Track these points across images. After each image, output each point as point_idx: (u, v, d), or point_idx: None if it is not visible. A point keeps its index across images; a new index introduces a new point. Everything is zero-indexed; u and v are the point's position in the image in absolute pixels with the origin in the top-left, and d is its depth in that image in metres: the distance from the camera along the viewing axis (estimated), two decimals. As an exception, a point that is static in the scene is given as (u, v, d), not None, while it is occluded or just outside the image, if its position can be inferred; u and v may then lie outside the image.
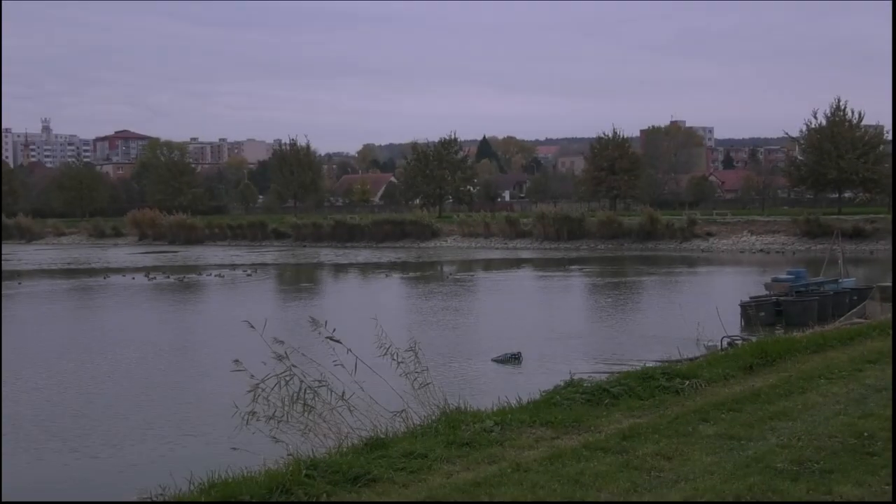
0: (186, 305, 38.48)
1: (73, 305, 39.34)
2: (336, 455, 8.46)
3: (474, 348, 24.25)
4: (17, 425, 16.37)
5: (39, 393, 19.38)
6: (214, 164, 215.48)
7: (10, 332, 30.64)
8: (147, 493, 9.10)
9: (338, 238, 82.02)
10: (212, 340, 26.83)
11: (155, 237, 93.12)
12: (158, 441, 15.21)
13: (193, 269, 55.90)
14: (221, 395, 17.41)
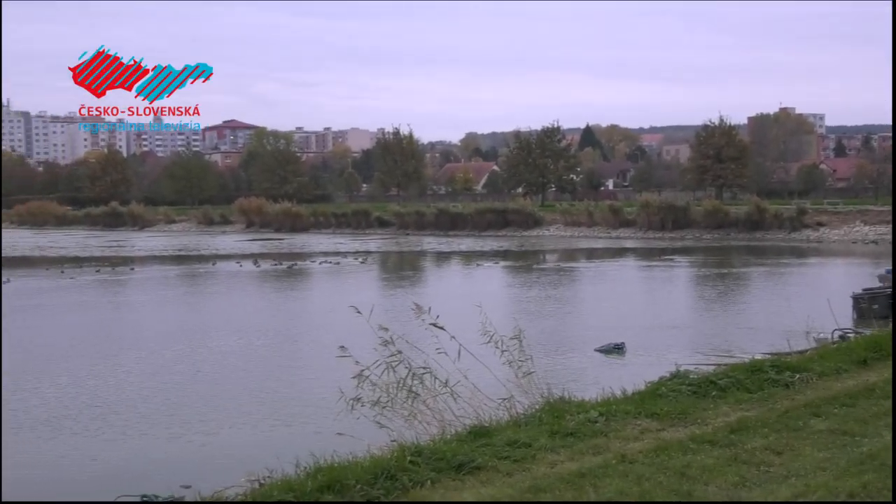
0: (293, 292, 39.07)
1: (182, 291, 40.29)
2: (440, 442, 8.48)
3: (577, 338, 24.09)
4: (132, 406, 16.83)
5: (148, 375, 19.88)
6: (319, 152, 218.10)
7: (123, 316, 31.57)
8: (255, 476, 9.25)
9: (440, 226, 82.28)
10: (318, 326, 27.19)
11: (261, 225, 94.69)
12: (264, 424, 15.46)
13: (299, 257, 56.71)
14: (327, 380, 17.62)
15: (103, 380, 19.28)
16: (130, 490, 10.53)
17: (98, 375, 19.71)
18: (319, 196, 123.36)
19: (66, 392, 17.99)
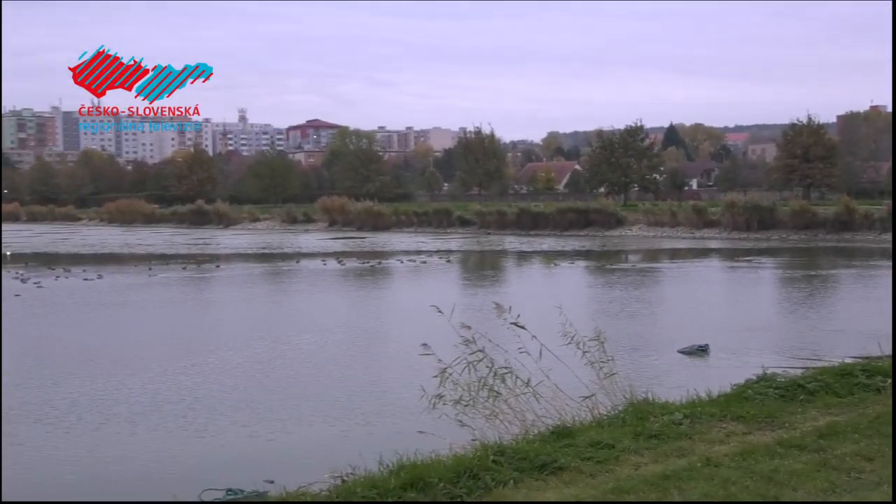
0: (374, 290, 39.31)
1: (266, 289, 40.80)
2: (523, 442, 8.46)
3: (659, 339, 23.82)
4: (215, 402, 17.08)
5: (231, 371, 20.15)
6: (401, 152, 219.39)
7: (207, 313, 32.09)
8: (338, 472, 9.32)
9: (522, 226, 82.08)
10: (399, 324, 27.31)
11: (344, 223, 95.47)
12: (346, 421, 15.55)
13: (381, 255, 57.06)
14: (408, 378, 17.69)
15: (186, 376, 19.58)
16: (215, 485, 10.70)
17: (181, 372, 20.04)
18: (401, 195, 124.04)
19: (149, 388, 18.32)
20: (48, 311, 31.42)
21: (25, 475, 12.88)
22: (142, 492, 11.32)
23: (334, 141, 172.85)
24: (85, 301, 34.09)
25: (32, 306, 32.71)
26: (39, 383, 18.89)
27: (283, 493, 7.49)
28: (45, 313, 30.95)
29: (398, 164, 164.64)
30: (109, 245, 75.20)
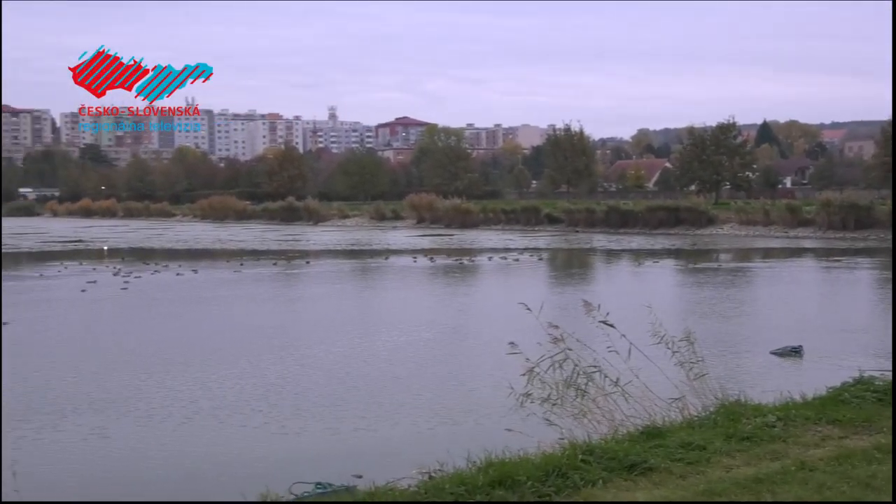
0: (462, 287, 39.38)
1: (354, 285, 41.17)
2: (611, 441, 8.38)
3: (751, 340, 23.41)
4: (302, 396, 17.27)
5: (318, 367, 20.35)
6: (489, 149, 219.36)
7: (296, 309, 32.48)
8: (425, 469, 9.35)
9: (611, 224, 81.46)
10: (486, 322, 27.30)
11: (432, 220, 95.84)
12: (433, 418, 15.59)
13: (469, 253, 57.12)
14: (495, 376, 17.68)
15: (275, 371, 19.83)
16: (306, 477, 10.82)
17: (270, 367, 20.30)
18: (489, 192, 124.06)
19: (238, 383, 18.57)
20: (142, 306, 32.14)
21: (111, 469, 13.13)
22: (231, 485, 11.48)
23: (423, 138, 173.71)
24: (178, 296, 34.80)
25: (128, 300, 33.51)
26: (131, 376, 19.31)
27: (371, 488, 7.52)
28: (138, 308, 31.67)
29: (486, 161, 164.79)
30: (202, 241, 76.67)
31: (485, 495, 6.98)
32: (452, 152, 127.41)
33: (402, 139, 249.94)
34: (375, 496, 7.08)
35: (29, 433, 14.74)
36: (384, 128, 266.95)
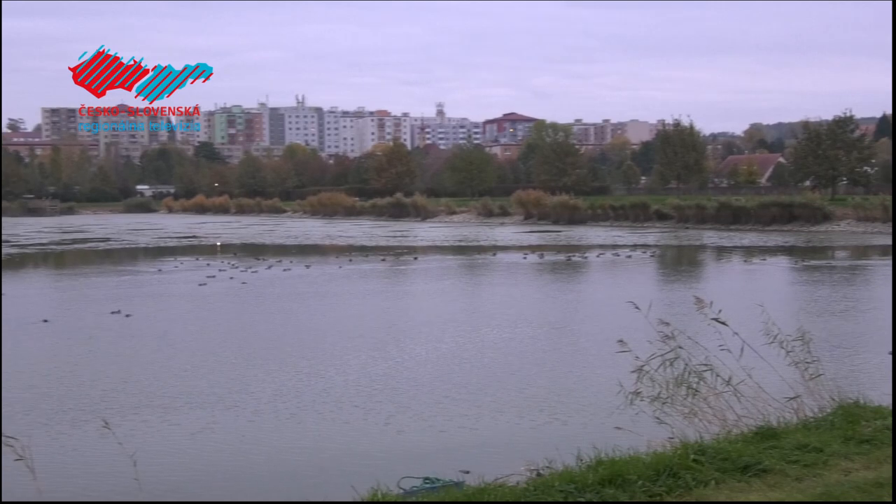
0: (569, 284, 39.16)
1: (461, 281, 41.25)
2: (724, 442, 8.22)
3: (869, 340, 22.73)
4: (405, 395, 17.38)
5: (425, 362, 20.45)
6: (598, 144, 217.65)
7: (403, 304, 32.69)
8: (534, 465, 9.31)
9: (721, 220, 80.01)
10: (593, 319, 27.09)
11: (539, 217, 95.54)
12: (541, 415, 15.53)
13: (576, 249, 56.75)
14: (602, 373, 17.55)
15: (383, 367, 19.99)
16: (412, 472, 10.88)
17: (377, 362, 20.47)
18: (597, 188, 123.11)
19: (345, 378, 18.78)
20: (256, 300, 32.77)
21: (215, 463, 13.40)
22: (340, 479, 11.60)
23: (530, 134, 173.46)
24: (290, 291, 35.38)
25: (243, 295, 34.21)
26: (242, 371, 19.70)
27: (481, 484, 7.52)
28: (252, 302, 32.30)
29: (594, 156, 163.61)
30: (312, 237, 77.82)
31: (594, 494, 6.92)
32: (560, 148, 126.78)
33: (510, 135, 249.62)
34: (485, 492, 7.07)
35: (141, 425, 15.15)
36: (491, 124, 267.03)
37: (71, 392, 17.73)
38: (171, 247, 66.49)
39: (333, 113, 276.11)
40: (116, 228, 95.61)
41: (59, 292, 38.48)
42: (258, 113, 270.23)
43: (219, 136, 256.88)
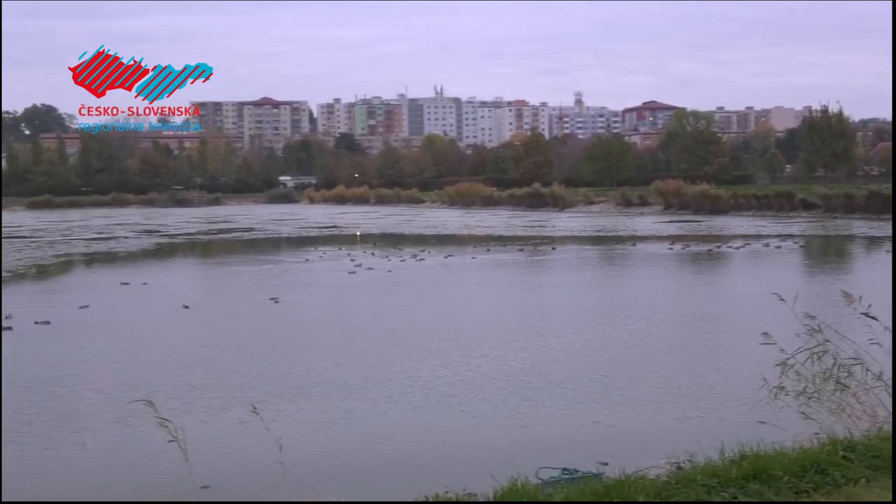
0: (711, 275, 38.46)
1: (600, 271, 40.93)
2: (875, 439, 7.96)
3: None
4: (541, 385, 17.35)
5: (562, 353, 20.37)
6: (740, 132, 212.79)
7: (541, 295, 32.63)
8: (674, 459, 9.21)
9: (871, 209, 77.05)
10: (736, 311, 26.53)
11: (679, 206, 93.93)
12: (680, 407, 15.29)
13: (718, 239, 55.56)
14: (744, 367, 17.18)
15: (516, 356, 20.02)
16: (551, 463, 10.88)
17: (512, 352, 20.49)
18: (739, 177, 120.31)
19: (482, 367, 18.86)
20: (397, 289, 33.22)
21: (353, 452, 13.54)
22: (479, 468, 11.68)
23: (671, 122, 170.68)
24: (430, 280, 35.75)
25: (385, 283, 34.71)
26: (381, 359, 19.99)
27: (621, 476, 7.47)
28: (393, 291, 32.76)
29: (737, 145, 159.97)
30: (450, 227, 78.34)
31: (738, 489, 6.79)
32: (701, 136, 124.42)
33: (650, 123, 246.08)
34: (626, 485, 7.02)
35: (287, 410, 15.53)
36: (631, 112, 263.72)
37: (217, 377, 18.30)
38: (313, 237, 67.89)
39: (471, 103, 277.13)
40: (260, 219, 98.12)
41: (212, 279, 39.83)
42: (397, 104, 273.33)
43: (359, 127, 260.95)
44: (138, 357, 20.49)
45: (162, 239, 67.57)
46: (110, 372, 18.98)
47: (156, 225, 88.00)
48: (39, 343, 22.26)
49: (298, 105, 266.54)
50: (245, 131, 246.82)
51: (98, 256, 52.33)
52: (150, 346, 22.11)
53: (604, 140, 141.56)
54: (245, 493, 11.59)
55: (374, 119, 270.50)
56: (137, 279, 36.31)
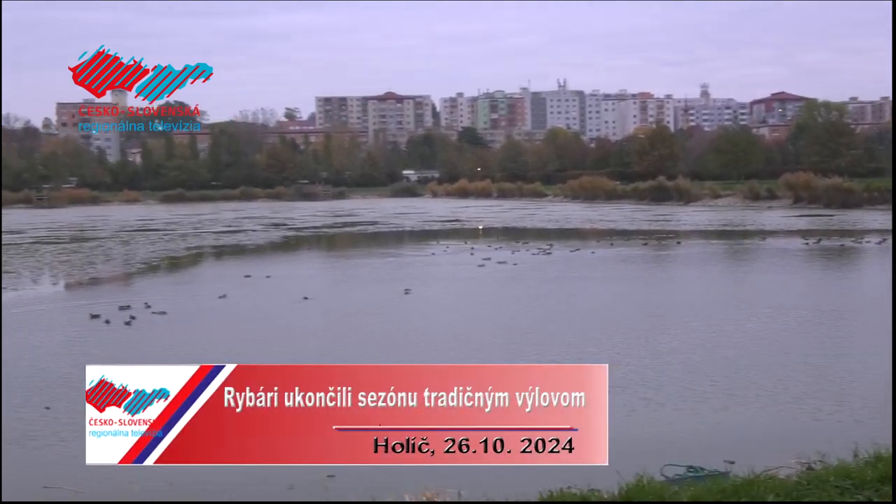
0: (844, 271, 37.35)
1: (727, 267, 40.16)
2: None
3: None
4: (666, 382, 17.11)
5: (693, 350, 20.06)
6: (875, 123, 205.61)
7: (667, 290, 32.18)
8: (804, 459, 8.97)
9: None
10: (871, 309, 25.66)
11: (809, 200, 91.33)
12: (810, 406, 14.92)
13: (849, 235, 53.90)
14: (879, 366, 16.66)
15: (642, 353, 19.81)
16: (674, 460, 10.73)
17: (636, 349, 20.29)
18: (873, 170, 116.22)
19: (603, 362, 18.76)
20: (522, 282, 33.23)
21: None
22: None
23: (801, 114, 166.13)
24: (555, 275, 35.69)
25: (513, 276, 34.78)
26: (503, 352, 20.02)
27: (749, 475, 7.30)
28: (520, 283, 32.78)
29: (871, 136, 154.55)
30: (572, 221, 77.88)
31: (873, 491, 6.57)
32: (833, 128, 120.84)
33: (779, 115, 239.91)
34: (755, 484, 6.86)
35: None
36: (759, 104, 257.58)
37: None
38: (435, 230, 68.37)
39: (595, 96, 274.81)
40: (383, 212, 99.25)
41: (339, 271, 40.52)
42: (520, 97, 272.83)
43: (481, 121, 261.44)
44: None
45: (288, 232, 68.97)
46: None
47: (282, 218, 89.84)
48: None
49: (422, 99, 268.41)
50: (369, 126, 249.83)
51: (227, 249, 53.75)
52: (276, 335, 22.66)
53: (731, 132, 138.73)
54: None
55: (497, 113, 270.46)
56: (263, 272, 37.33)
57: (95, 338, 22.74)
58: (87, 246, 55.67)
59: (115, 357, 19.13)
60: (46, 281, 38.84)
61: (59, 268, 43.14)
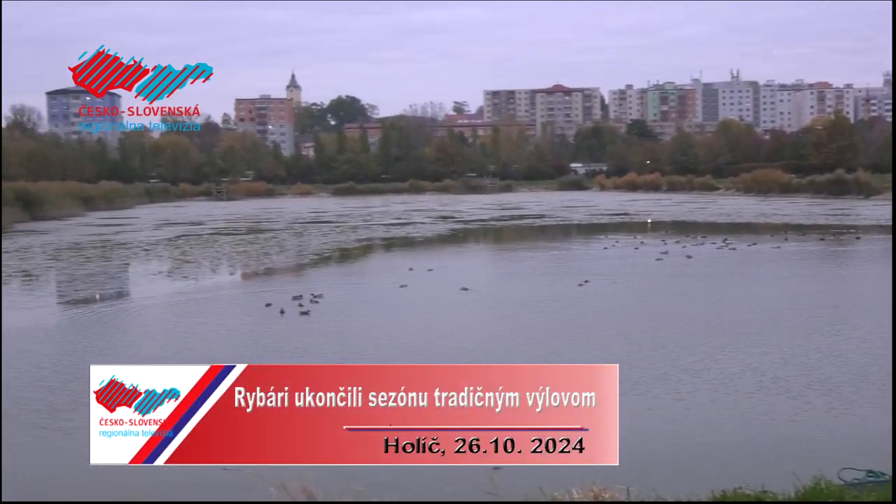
0: None
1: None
2: None
3: None
4: (850, 380, 16.57)
5: (860, 351, 19.36)
6: None
7: (838, 288, 31.05)
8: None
9: None
10: None
11: None
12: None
13: None
14: None
15: (822, 349, 19.29)
16: (851, 464, 10.43)
17: (812, 347, 19.76)
18: None
19: (775, 360, 18.32)
20: (694, 277, 32.72)
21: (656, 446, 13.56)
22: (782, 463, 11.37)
23: None
24: (729, 269, 35.05)
25: (685, 270, 34.30)
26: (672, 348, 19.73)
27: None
28: (692, 278, 32.30)
29: None
30: (744, 215, 75.93)
31: None
32: None
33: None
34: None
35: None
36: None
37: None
38: (603, 224, 67.86)
39: (770, 86, 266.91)
40: (551, 206, 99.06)
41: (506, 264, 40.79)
42: (691, 89, 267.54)
43: (651, 113, 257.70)
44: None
45: (456, 225, 69.69)
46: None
47: (450, 211, 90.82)
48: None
49: (590, 92, 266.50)
50: (537, 118, 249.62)
51: (396, 241, 54.76)
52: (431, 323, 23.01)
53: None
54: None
55: (667, 105, 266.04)
56: (430, 264, 37.90)
57: (268, 329, 23.56)
58: (262, 237, 57.70)
59: (280, 351, 19.83)
60: (224, 270, 40.50)
61: (236, 258, 44.88)
